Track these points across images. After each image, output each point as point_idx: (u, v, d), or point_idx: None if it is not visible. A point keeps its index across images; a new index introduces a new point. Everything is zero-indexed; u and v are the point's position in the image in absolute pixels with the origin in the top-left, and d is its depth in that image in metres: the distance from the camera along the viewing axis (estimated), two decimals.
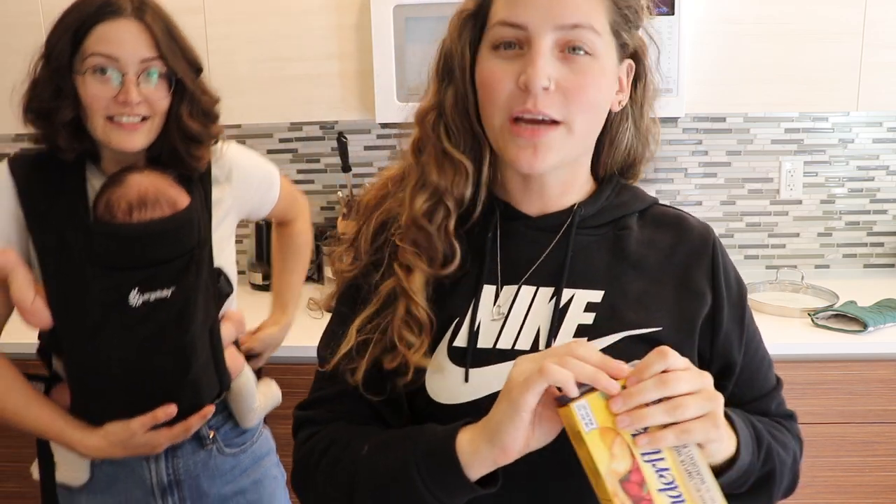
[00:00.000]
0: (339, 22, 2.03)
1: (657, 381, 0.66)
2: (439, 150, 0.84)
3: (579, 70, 0.77)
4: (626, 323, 0.81)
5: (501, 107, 0.78)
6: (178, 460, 1.25)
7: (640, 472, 0.65)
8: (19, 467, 2.09)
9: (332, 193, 2.50)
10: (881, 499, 1.95)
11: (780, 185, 2.40)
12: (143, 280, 1.12)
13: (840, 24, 1.96)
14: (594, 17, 0.77)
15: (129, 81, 1.10)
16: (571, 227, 0.85)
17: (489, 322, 0.83)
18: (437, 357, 0.82)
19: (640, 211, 0.90)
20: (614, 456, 0.65)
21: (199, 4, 2.04)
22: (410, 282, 0.81)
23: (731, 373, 0.86)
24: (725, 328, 0.85)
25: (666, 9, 1.90)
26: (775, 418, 0.90)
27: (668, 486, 0.66)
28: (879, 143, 2.36)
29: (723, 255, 0.88)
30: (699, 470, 0.66)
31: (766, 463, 0.81)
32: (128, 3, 1.11)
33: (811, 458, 1.92)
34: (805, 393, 1.88)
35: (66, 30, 1.10)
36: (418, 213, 0.83)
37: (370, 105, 2.05)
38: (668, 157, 2.40)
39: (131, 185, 1.13)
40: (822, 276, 2.39)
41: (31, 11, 2.08)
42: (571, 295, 0.83)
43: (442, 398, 0.80)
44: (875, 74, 1.98)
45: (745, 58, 2.00)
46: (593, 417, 0.65)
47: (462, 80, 0.83)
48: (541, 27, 0.76)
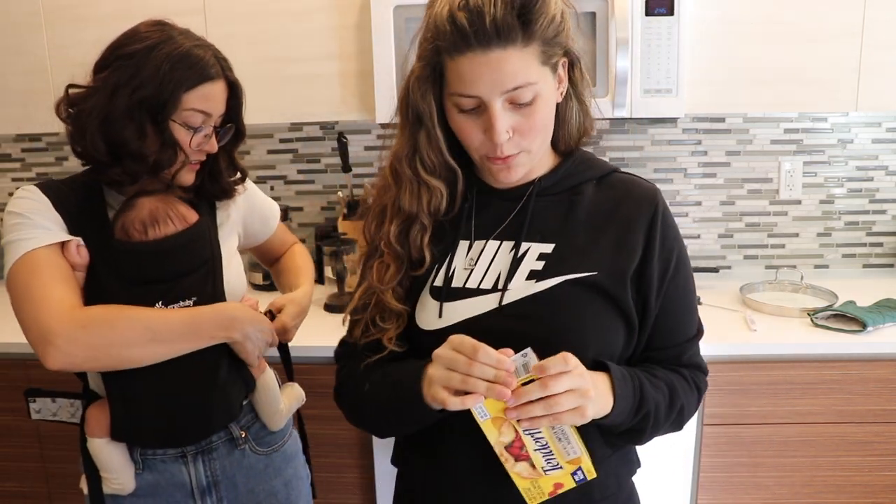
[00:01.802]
0: (339, 22, 2.04)
1: (540, 385, 0.86)
2: (415, 181, 1.04)
3: (528, 114, 0.96)
4: (568, 268, 1.00)
5: (476, 149, 1.00)
6: (215, 462, 1.30)
7: (521, 440, 0.91)
8: (19, 467, 2.10)
9: (332, 193, 2.51)
10: (880, 498, 1.96)
11: (780, 185, 2.41)
12: (165, 293, 1.19)
13: (840, 25, 1.97)
14: (530, 72, 0.93)
15: (214, 135, 1.25)
16: (532, 195, 1.05)
17: (461, 268, 1.05)
18: (423, 294, 1.05)
19: (598, 178, 1.07)
20: (502, 433, 0.91)
21: (199, 5, 2.04)
22: (384, 279, 1.04)
23: (648, 315, 1.03)
24: (647, 277, 1.02)
25: (665, 9, 1.91)
26: (681, 368, 1.07)
27: (542, 447, 0.92)
28: (878, 143, 2.37)
29: (663, 217, 1.04)
30: (566, 435, 0.92)
31: (643, 420, 1.00)
32: (217, 64, 1.23)
33: (810, 457, 1.93)
34: (804, 393, 1.89)
35: (177, 85, 1.17)
36: (392, 237, 1.05)
37: (370, 105, 2.06)
38: (668, 157, 2.41)
39: (142, 207, 1.21)
40: (822, 276, 2.40)
41: (31, 12, 2.08)
42: (528, 247, 1.03)
43: (424, 325, 1.03)
44: (874, 75, 1.98)
45: (744, 58, 2.00)
46: (486, 411, 0.90)
47: (432, 125, 1.01)
48: (490, 95, 0.94)
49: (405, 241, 1.05)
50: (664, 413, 1.02)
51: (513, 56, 0.92)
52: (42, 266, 1.14)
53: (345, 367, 1.13)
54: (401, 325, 1.04)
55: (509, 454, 0.93)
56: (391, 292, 1.04)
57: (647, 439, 1.05)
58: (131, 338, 1.12)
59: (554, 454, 0.92)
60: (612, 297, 1.00)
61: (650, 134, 2.39)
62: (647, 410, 0.99)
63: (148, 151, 1.18)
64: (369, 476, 1.98)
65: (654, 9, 1.91)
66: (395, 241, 1.05)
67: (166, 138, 1.18)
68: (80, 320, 1.11)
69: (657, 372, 1.04)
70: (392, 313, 1.04)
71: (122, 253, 1.19)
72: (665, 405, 1.02)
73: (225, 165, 1.33)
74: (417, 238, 1.05)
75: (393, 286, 1.04)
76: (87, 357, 1.11)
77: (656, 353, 1.06)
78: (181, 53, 1.18)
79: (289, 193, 2.53)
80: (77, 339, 1.10)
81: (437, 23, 0.94)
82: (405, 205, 1.04)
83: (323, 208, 2.53)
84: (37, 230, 1.16)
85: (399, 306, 1.04)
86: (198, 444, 1.28)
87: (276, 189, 2.52)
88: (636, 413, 0.99)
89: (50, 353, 1.09)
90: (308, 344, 1.87)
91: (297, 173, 2.51)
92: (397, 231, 1.05)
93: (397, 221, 1.05)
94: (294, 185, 2.51)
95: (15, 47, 2.11)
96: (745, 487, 1.96)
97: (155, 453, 1.27)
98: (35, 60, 2.09)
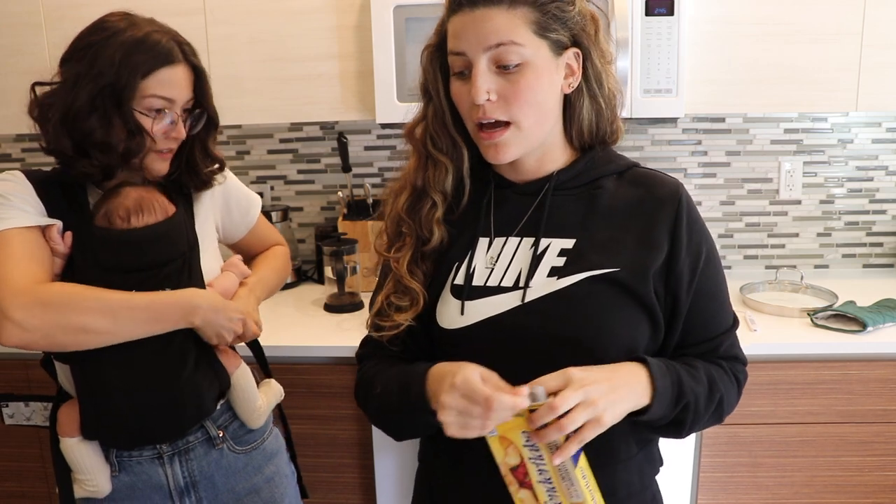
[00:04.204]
0: (339, 22, 2.04)
1: (548, 408, 0.86)
2: (423, 154, 1.06)
3: (514, 80, 0.96)
4: (589, 264, 0.99)
5: (467, 116, 1.01)
6: (192, 462, 1.28)
7: (526, 467, 0.91)
8: (19, 467, 2.10)
9: (332, 193, 2.51)
10: (880, 498, 1.96)
11: (780, 185, 2.41)
12: (142, 282, 1.17)
13: (839, 25, 1.97)
14: (514, 33, 0.95)
15: (180, 120, 1.22)
16: (549, 190, 1.05)
17: (483, 266, 1.05)
18: (444, 293, 1.05)
19: (619, 172, 1.07)
20: (508, 454, 0.91)
21: (199, 5, 2.04)
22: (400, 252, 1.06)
23: (679, 310, 1.02)
24: (677, 273, 1.01)
25: (665, 9, 1.91)
26: (719, 360, 1.06)
27: (545, 480, 0.91)
28: (878, 143, 2.37)
29: (688, 211, 1.03)
30: (569, 475, 0.90)
31: (683, 412, 0.99)
32: (178, 49, 1.20)
33: (810, 457, 1.93)
34: (804, 393, 1.89)
35: (132, 71, 1.16)
36: (402, 208, 1.07)
37: (370, 105, 2.06)
38: (668, 158, 2.41)
39: (128, 195, 1.21)
40: (822, 276, 2.40)
41: (31, 11, 2.08)
42: (548, 243, 1.03)
43: (445, 324, 1.04)
44: (874, 75, 1.98)
45: (744, 58, 2.00)
46: (494, 428, 0.89)
47: (438, 99, 1.04)
48: (475, 51, 0.96)
49: (415, 216, 1.07)
50: (704, 404, 1.01)
51: (497, 15, 0.95)
52: (13, 244, 1.13)
53: (362, 368, 1.14)
54: (416, 309, 1.05)
55: (514, 477, 0.92)
56: (405, 266, 1.05)
57: (688, 433, 1.04)
58: (90, 318, 1.10)
59: (557, 491, 0.91)
60: (635, 292, 0.99)
61: (650, 134, 2.39)
62: (687, 401, 0.99)
63: (115, 141, 1.17)
64: (369, 476, 1.98)
65: (654, 9, 1.91)
66: (405, 213, 1.07)
67: (131, 126, 1.17)
68: (40, 297, 1.09)
69: (695, 363, 1.04)
70: (406, 289, 1.05)
71: (102, 240, 1.18)
72: (704, 396, 1.01)
73: (201, 156, 1.31)
74: (428, 214, 1.06)
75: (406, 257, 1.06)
76: (44, 334, 1.09)
77: (693, 349, 1.05)
78: (137, 39, 1.17)
79: (289, 193, 2.53)
80: (35, 315, 1.08)
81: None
82: (413, 178, 1.07)
83: (323, 208, 2.53)
84: (14, 211, 1.16)
85: (412, 282, 1.04)
86: (174, 445, 1.27)
87: (276, 189, 2.52)
88: (676, 404, 0.98)
89: (6, 328, 1.07)
90: (308, 344, 1.88)
91: (297, 173, 2.51)
92: (407, 205, 1.08)
93: (406, 194, 1.08)
94: (294, 185, 2.51)
95: (15, 47, 2.11)
96: (745, 487, 1.96)
97: (131, 455, 1.25)
98: (35, 60, 2.08)
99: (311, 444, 1.92)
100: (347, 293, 2.21)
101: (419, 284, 1.05)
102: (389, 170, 2.47)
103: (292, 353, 1.85)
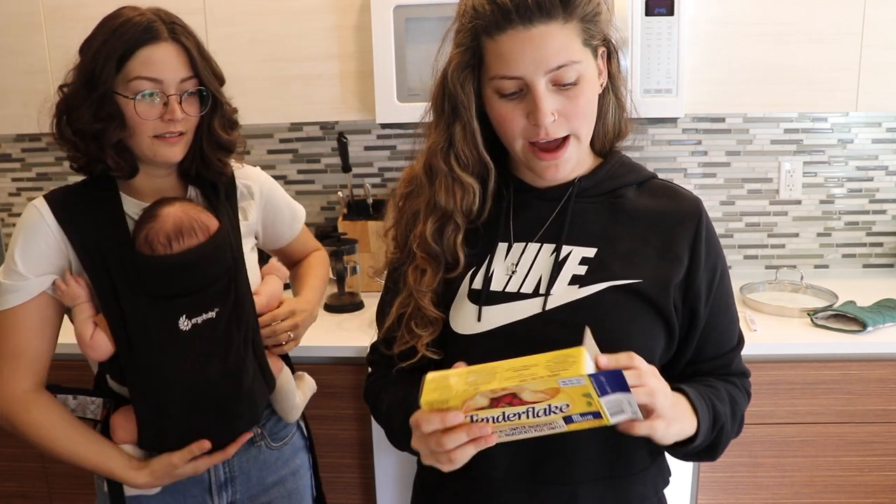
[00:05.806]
0: (339, 22, 2.04)
1: (628, 356, 0.84)
2: (450, 177, 1.01)
3: (573, 97, 0.93)
4: (612, 274, 0.97)
5: (518, 137, 0.96)
6: (234, 459, 1.31)
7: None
8: (19, 467, 2.10)
9: (333, 193, 2.51)
10: (880, 498, 1.96)
11: (780, 185, 2.41)
12: (189, 305, 1.17)
13: (839, 25, 1.97)
14: (572, 51, 0.91)
15: (174, 101, 1.17)
16: (571, 197, 1.02)
17: (501, 271, 1.01)
18: (458, 297, 1.02)
19: (638, 183, 1.05)
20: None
21: (199, 5, 2.04)
22: (421, 284, 1.02)
23: (696, 325, 1.02)
24: (696, 289, 1.00)
25: (665, 9, 1.91)
26: (731, 377, 1.06)
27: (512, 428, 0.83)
28: (878, 143, 2.37)
29: (707, 228, 1.02)
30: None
31: (718, 435, 0.99)
32: (163, 26, 1.16)
33: (810, 457, 1.93)
34: (804, 393, 1.89)
35: (109, 56, 1.13)
36: (428, 235, 1.02)
37: (370, 105, 2.06)
38: (668, 158, 2.41)
39: (166, 218, 1.17)
40: (822, 276, 2.40)
41: (31, 12, 2.08)
42: (570, 251, 1.00)
43: (461, 329, 1.00)
44: (874, 75, 1.98)
45: (744, 58, 2.00)
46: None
47: (469, 117, 0.98)
48: (534, 75, 0.91)
49: (440, 241, 1.02)
50: (730, 425, 1.01)
51: (555, 32, 0.90)
52: (20, 326, 1.18)
53: (370, 377, 1.14)
54: (435, 332, 1.02)
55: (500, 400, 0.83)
56: (428, 298, 1.01)
57: (719, 454, 1.03)
58: (41, 448, 1.22)
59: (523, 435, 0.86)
60: (656, 305, 0.98)
61: (650, 134, 2.39)
62: (721, 424, 0.98)
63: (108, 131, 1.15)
64: (369, 476, 1.98)
65: (654, 9, 1.91)
66: (432, 239, 1.02)
67: (111, 110, 1.15)
68: (9, 416, 1.20)
69: (716, 384, 1.03)
70: (427, 320, 1.01)
71: (146, 267, 1.16)
72: (730, 416, 1.01)
73: (207, 141, 1.26)
74: (451, 238, 1.02)
75: (432, 290, 1.02)
76: (8, 431, 1.22)
77: (706, 364, 1.04)
78: (117, 24, 1.15)
79: (289, 193, 2.52)
80: (11, 421, 1.20)
81: (474, 5, 0.93)
82: (441, 201, 1.01)
83: (323, 208, 2.53)
84: (21, 281, 1.16)
85: (436, 312, 1.01)
86: None
87: None
88: (713, 429, 0.97)
89: None
90: (308, 344, 1.87)
91: (297, 173, 2.51)
92: (433, 229, 1.02)
93: (433, 219, 1.02)
94: (294, 185, 2.51)
95: (15, 47, 2.11)
96: (745, 487, 1.96)
97: None
98: (35, 60, 2.09)
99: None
100: (347, 293, 2.21)
101: (440, 313, 1.02)
102: (389, 170, 2.47)
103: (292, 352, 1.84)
